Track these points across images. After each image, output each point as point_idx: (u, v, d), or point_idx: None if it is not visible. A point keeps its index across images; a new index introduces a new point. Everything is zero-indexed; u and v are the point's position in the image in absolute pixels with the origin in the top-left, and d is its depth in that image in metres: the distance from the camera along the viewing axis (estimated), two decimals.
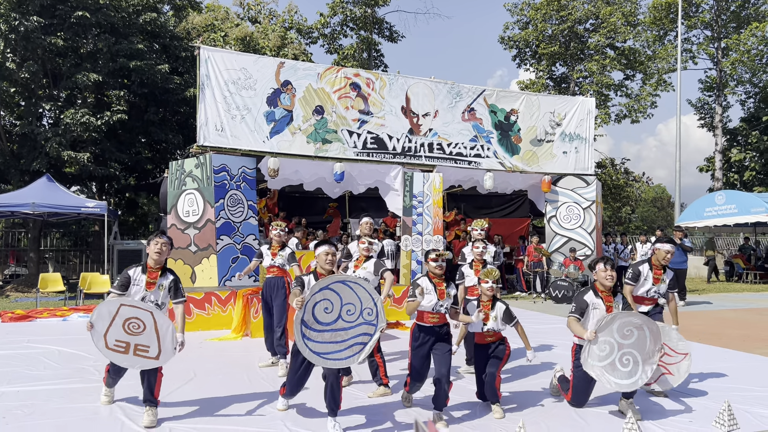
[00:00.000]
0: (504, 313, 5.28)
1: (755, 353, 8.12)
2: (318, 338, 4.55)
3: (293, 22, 30.72)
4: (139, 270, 5.11)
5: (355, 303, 4.64)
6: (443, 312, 5.05)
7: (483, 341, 5.31)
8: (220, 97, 12.21)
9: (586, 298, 5.28)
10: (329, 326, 4.59)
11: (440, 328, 5.04)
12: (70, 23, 16.97)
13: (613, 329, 5.01)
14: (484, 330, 5.26)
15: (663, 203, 57.44)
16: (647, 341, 4.99)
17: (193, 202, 11.91)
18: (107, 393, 5.41)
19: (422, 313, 5.03)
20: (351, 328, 4.63)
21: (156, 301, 5.06)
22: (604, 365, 5.02)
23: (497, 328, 5.27)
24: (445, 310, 5.06)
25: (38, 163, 16.63)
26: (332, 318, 4.60)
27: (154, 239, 5.11)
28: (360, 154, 13.55)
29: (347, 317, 4.62)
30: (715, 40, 31.35)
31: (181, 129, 20.68)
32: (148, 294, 5.03)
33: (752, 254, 22.94)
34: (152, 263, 5.11)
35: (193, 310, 9.80)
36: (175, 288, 5.19)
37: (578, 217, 15.40)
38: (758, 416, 5.20)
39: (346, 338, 4.61)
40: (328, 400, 4.77)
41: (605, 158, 31.95)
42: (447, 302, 5.03)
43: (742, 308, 13.57)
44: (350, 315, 4.63)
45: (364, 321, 4.65)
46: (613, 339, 5.01)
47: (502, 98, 15.23)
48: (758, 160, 30.52)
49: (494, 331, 5.26)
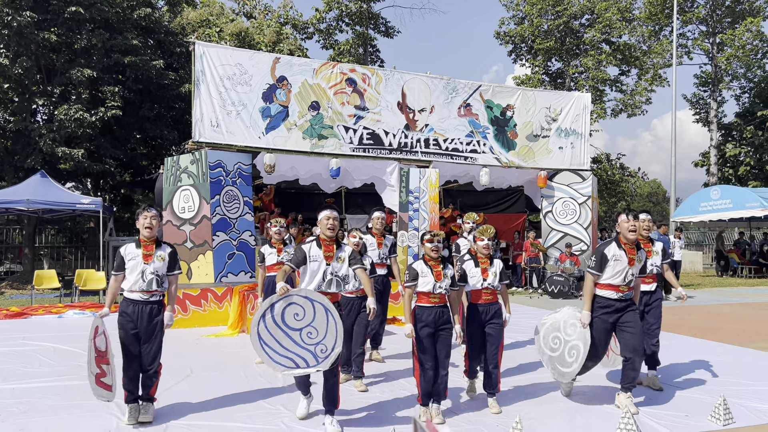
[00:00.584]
0: (501, 271, 5.39)
1: (750, 347, 8.15)
2: (271, 329, 4.57)
3: (288, 17, 30.61)
4: (132, 246, 5.02)
5: (320, 331, 4.63)
6: (443, 293, 5.02)
7: (479, 300, 5.30)
8: (215, 93, 12.17)
9: (606, 252, 5.29)
10: (287, 329, 4.61)
11: (442, 309, 5.01)
12: (63, 18, 16.88)
13: (560, 326, 5.49)
14: (482, 286, 5.27)
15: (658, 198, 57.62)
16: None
17: (188, 198, 11.88)
18: (130, 411, 4.88)
19: (422, 296, 5.03)
20: (300, 347, 4.61)
21: (156, 273, 4.97)
22: (555, 356, 5.50)
23: (495, 284, 5.32)
24: (445, 290, 5.03)
25: (33, 160, 16.55)
26: (295, 326, 4.61)
27: (143, 213, 5.03)
28: (356, 150, 13.53)
29: (306, 337, 4.62)
30: (710, 35, 31.39)
31: (176, 125, 20.61)
32: (146, 267, 4.92)
33: (747, 249, 23.03)
34: (145, 238, 5.03)
35: (189, 306, 9.78)
36: (173, 259, 5.15)
37: (574, 213, 15.43)
38: (753, 410, 5.23)
39: (290, 350, 4.60)
40: (325, 399, 4.78)
41: (601, 153, 31.98)
42: (445, 282, 5.02)
43: (737, 302, 13.63)
44: (309, 337, 4.63)
45: (313, 353, 4.61)
46: (561, 335, 5.35)
47: (498, 94, 15.22)
48: (753, 155, 30.62)
49: (492, 288, 5.31)
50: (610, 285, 5.26)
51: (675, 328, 9.75)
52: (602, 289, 5.30)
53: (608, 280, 5.26)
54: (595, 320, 5.31)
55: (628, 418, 4.54)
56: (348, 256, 5.07)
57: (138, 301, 4.91)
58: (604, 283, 5.28)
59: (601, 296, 5.30)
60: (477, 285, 5.30)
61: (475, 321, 5.31)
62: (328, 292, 4.91)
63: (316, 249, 4.98)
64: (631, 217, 5.26)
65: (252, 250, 11.84)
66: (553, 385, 6.06)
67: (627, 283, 5.26)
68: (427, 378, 4.95)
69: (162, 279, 5.04)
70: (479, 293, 5.31)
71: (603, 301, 5.29)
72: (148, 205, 5.19)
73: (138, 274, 4.91)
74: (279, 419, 4.94)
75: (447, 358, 5.01)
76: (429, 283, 4.98)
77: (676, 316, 11.22)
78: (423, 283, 5.00)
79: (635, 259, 5.25)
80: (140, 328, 4.90)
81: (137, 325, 4.89)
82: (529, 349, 7.97)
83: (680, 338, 8.81)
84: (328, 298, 4.77)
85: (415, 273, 5.03)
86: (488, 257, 5.38)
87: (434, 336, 4.96)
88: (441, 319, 4.98)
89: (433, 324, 4.94)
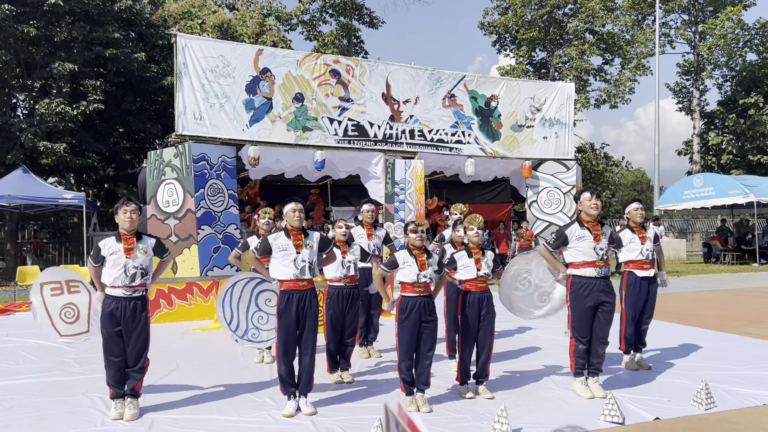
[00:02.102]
0: (493, 260, 5.45)
1: (732, 333, 8.27)
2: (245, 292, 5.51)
3: (272, 8, 30.39)
4: (112, 240, 4.94)
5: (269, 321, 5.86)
6: (428, 282, 5.04)
7: (474, 288, 5.33)
8: (198, 86, 12.06)
9: (567, 232, 5.40)
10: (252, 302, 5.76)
11: (426, 299, 5.02)
12: (42, 11, 16.63)
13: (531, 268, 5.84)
14: (477, 276, 5.31)
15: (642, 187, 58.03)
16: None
17: (172, 191, 11.79)
18: (116, 406, 4.86)
19: (406, 286, 5.04)
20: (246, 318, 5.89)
21: (140, 267, 4.90)
22: (518, 295, 5.80)
23: (489, 274, 5.37)
24: (429, 279, 5.05)
25: (13, 156, 16.34)
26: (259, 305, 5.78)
27: (122, 207, 4.92)
28: (341, 142, 13.49)
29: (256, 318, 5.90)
30: (692, 24, 31.60)
31: (159, 118, 20.43)
32: (128, 261, 4.85)
33: (729, 236, 23.31)
34: (125, 231, 4.96)
35: (174, 300, 9.73)
36: (160, 247, 5.16)
37: (559, 202, 15.51)
38: (735, 394, 5.30)
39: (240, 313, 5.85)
40: (300, 380, 4.93)
41: (585, 143, 32.17)
42: (429, 272, 5.03)
43: (719, 289, 13.80)
44: (259, 320, 5.91)
45: (250, 329, 5.91)
46: (533, 278, 5.74)
47: (482, 84, 15.23)
48: (735, 144, 30.93)
49: (486, 275, 5.36)
50: (585, 262, 5.32)
51: (658, 314, 9.83)
52: (580, 267, 5.36)
53: (581, 257, 5.33)
54: (578, 300, 5.32)
55: (613, 404, 4.60)
56: (317, 242, 5.13)
57: (121, 298, 4.86)
58: (579, 262, 5.35)
59: (581, 275, 5.34)
60: (471, 275, 5.32)
61: (469, 309, 5.32)
62: (303, 278, 4.96)
63: (284, 239, 5.02)
64: (594, 196, 5.39)
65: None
66: (539, 374, 6.11)
67: (602, 258, 5.35)
68: (407, 368, 4.97)
69: (146, 272, 4.98)
70: (474, 282, 5.33)
71: (582, 280, 5.33)
72: (127, 198, 5.10)
73: (120, 268, 4.85)
74: (266, 412, 4.94)
75: (431, 351, 5.01)
76: (413, 272, 4.99)
77: (659, 302, 11.31)
78: (407, 273, 5.01)
79: (600, 235, 5.36)
80: (124, 324, 4.86)
81: (120, 322, 4.85)
82: (516, 338, 8.04)
83: (663, 324, 8.91)
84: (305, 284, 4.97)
85: (393, 261, 5.07)
86: (480, 246, 5.41)
87: (418, 328, 4.97)
88: (426, 309, 4.98)
89: (417, 315, 4.95)
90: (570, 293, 5.40)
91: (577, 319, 5.35)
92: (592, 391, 5.29)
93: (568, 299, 5.46)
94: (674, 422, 4.65)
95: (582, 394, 5.28)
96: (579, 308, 5.34)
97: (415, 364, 5.01)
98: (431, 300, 5.08)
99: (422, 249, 5.10)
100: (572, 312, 5.39)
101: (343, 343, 6.01)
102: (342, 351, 6.00)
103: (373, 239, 7.11)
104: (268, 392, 5.50)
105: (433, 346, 5.05)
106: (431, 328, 5.00)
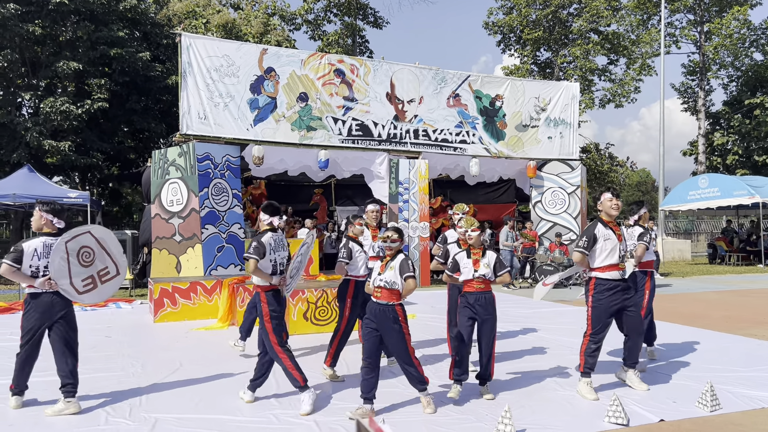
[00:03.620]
0: (496, 263, 5.34)
1: (737, 334, 8.22)
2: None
3: (276, 8, 30.41)
4: (38, 242, 4.97)
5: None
6: (383, 286, 4.83)
7: (470, 288, 5.28)
8: (202, 85, 12.07)
9: (596, 232, 5.40)
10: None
11: (384, 306, 4.82)
12: (48, 10, 16.67)
13: None
14: (474, 277, 5.25)
15: (647, 187, 57.88)
16: None
17: (177, 191, 11.80)
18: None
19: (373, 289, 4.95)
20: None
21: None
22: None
23: (488, 275, 5.27)
24: (386, 283, 4.83)
25: (18, 155, 16.38)
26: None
27: (37, 212, 5.07)
28: (345, 141, 13.49)
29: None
30: (697, 24, 31.48)
31: (163, 117, 20.45)
32: (45, 261, 4.92)
33: (735, 237, 23.21)
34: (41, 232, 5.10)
35: (178, 299, 9.74)
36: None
37: (563, 202, 15.47)
38: (740, 396, 5.27)
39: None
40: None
41: (589, 143, 32.09)
42: (386, 275, 4.84)
43: (725, 290, 13.74)
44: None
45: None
46: None
47: (487, 84, 15.21)
48: (740, 144, 30.81)
49: (485, 278, 5.26)
50: (610, 266, 5.37)
51: (663, 315, 9.82)
52: (604, 271, 5.39)
53: (606, 261, 5.37)
54: (602, 302, 5.37)
55: (617, 405, 4.58)
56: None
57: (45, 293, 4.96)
58: (605, 265, 5.38)
59: (605, 278, 5.38)
60: (468, 275, 5.29)
61: (465, 308, 5.29)
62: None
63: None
64: (615, 196, 5.46)
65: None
66: (543, 375, 6.09)
67: (622, 260, 5.43)
68: (363, 372, 4.80)
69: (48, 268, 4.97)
70: (471, 283, 5.29)
71: (607, 283, 5.38)
72: (40, 202, 5.18)
73: (42, 266, 4.94)
74: (269, 411, 4.93)
75: (403, 354, 4.84)
76: (468, 269, 5.15)
77: (665, 303, 11.30)
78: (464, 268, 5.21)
79: (621, 235, 5.46)
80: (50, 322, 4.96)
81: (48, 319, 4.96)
82: (519, 339, 8.01)
83: (668, 325, 8.87)
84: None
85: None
86: (480, 247, 5.37)
87: (377, 333, 4.82)
88: (383, 315, 4.79)
89: (375, 319, 4.82)
90: (593, 295, 5.43)
91: (597, 320, 5.40)
92: (633, 384, 5.48)
93: (589, 301, 5.46)
94: (679, 424, 4.63)
95: (587, 396, 5.26)
96: (601, 310, 5.38)
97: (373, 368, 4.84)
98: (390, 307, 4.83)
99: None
100: (592, 312, 5.42)
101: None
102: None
103: (378, 240, 7.09)
104: (272, 391, 5.50)
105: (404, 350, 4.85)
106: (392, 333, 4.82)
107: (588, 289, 5.48)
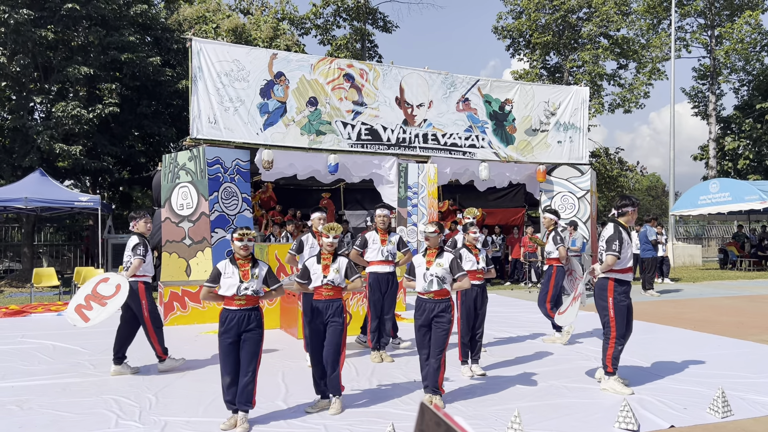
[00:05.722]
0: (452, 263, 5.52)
1: (749, 340, 8.16)
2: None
3: (285, 12, 30.52)
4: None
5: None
6: (330, 285, 5.15)
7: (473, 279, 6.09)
8: (212, 89, 12.13)
9: (623, 236, 5.61)
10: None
11: (329, 303, 5.15)
12: (60, 16, 16.82)
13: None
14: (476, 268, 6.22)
15: (657, 192, 57.53)
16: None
17: (187, 195, 11.86)
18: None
19: (315, 288, 5.22)
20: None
21: None
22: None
23: (338, 281, 5.32)
24: (330, 282, 5.15)
25: (30, 159, 16.52)
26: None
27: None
28: (354, 146, 13.51)
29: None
30: (708, 28, 31.33)
31: (174, 122, 20.56)
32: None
33: (746, 242, 23.03)
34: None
35: (188, 303, 9.78)
36: None
37: (573, 207, 15.41)
38: (752, 403, 5.23)
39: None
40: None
41: (599, 148, 31.97)
42: (331, 276, 5.15)
43: (736, 295, 13.64)
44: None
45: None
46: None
47: (496, 88, 15.19)
48: (752, 148, 30.59)
49: (482, 269, 6.31)
50: (630, 268, 5.67)
51: (673, 321, 9.76)
52: (624, 273, 5.62)
53: (627, 263, 5.61)
54: (624, 302, 5.58)
55: (627, 411, 4.55)
56: (265, 273, 5.00)
57: None
58: (626, 267, 5.62)
59: (624, 280, 5.62)
60: (471, 267, 6.15)
61: (469, 298, 6.19)
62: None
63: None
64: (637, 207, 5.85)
65: None
66: (552, 379, 6.07)
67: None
68: (314, 368, 5.16)
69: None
70: (473, 274, 6.14)
71: (626, 285, 5.63)
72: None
73: None
74: (280, 416, 4.94)
75: (335, 352, 5.04)
76: (317, 275, 5.20)
77: (675, 309, 11.23)
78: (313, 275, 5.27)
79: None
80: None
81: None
82: (528, 344, 7.98)
83: (679, 331, 8.82)
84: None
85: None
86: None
87: (323, 327, 5.13)
88: (328, 312, 5.13)
89: (320, 316, 5.13)
90: (614, 296, 5.56)
91: (623, 322, 5.57)
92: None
93: (610, 303, 5.56)
94: (690, 430, 4.60)
95: (623, 391, 5.44)
96: (624, 311, 5.57)
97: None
98: (336, 303, 5.16)
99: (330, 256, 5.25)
100: (617, 315, 5.56)
101: (382, 320, 7.02)
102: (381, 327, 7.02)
103: (387, 245, 7.10)
104: (281, 396, 5.51)
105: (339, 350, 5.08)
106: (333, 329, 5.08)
107: (606, 292, 5.57)
